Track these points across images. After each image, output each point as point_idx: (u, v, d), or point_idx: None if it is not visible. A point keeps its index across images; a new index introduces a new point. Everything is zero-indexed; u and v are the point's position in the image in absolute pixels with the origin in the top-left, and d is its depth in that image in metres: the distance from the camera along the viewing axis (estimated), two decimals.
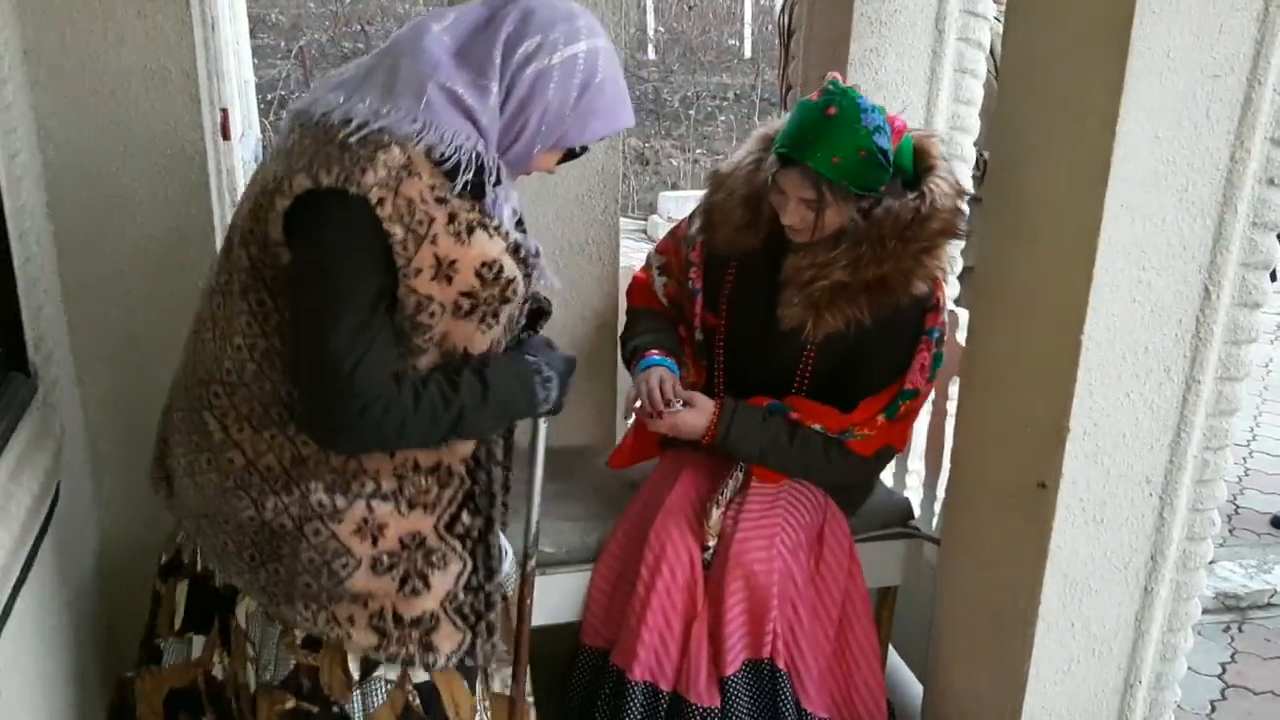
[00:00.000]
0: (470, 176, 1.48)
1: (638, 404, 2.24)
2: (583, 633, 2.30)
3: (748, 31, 14.59)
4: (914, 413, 2.23)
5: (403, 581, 1.64)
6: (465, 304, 1.53)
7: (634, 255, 5.00)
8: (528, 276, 1.60)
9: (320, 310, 1.47)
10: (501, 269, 1.53)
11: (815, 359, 2.20)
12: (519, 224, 1.66)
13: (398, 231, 1.44)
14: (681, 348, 2.36)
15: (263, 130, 8.14)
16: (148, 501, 2.37)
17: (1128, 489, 1.88)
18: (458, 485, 1.68)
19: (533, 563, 1.90)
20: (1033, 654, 1.94)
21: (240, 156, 6.56)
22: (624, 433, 2.52)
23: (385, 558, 1.63)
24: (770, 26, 13.26)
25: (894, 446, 2.27)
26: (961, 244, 2.23)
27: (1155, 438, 1.86)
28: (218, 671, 1.75)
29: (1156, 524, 1.92)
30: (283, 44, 12.38)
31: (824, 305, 2.09)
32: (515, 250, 1.56)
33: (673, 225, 2.49)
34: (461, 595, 1.69)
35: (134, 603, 2.05)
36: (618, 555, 2.29)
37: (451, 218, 1.48)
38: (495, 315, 1.57)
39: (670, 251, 2.43)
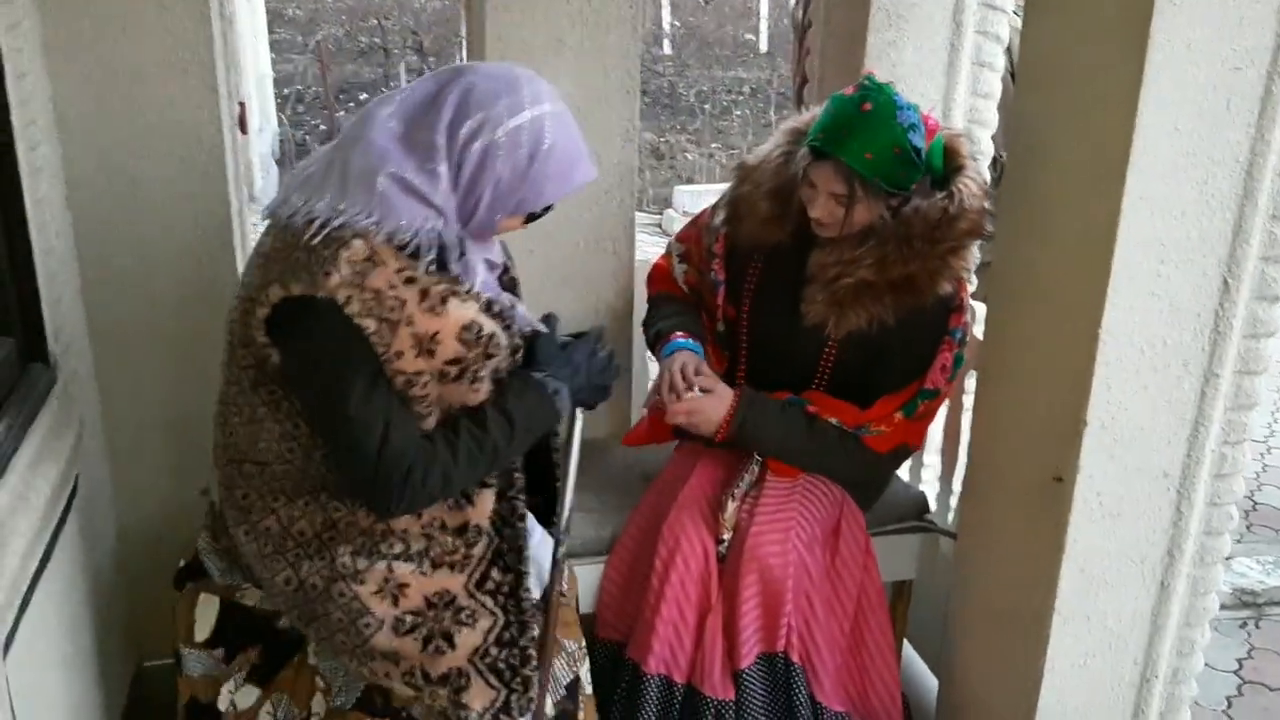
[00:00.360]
0: (433, 256, 1.55)
1: (656, 393, 2.24)
2: (597, 626, 2.29)
3: (763, 26, 14.58)
4: (932, 413, 2.23)
5: (426, 641, 1.68)
6: (453, 370, 1.60)
7: (649, 250, 5.00)
8: (507, 328, 1.65)
9: (328, 400, 1.56)
10: (481, 328, 1.60)
11: (836, 355, 2.19)
12: (505, 274, 1.78)
13: (370, 324, 1.51)
14: (705, 334, 2.35)
15: (279, 125, 8.19)
16: (165, 495, 2.44)
17: (1145, 483, 1.87)
18: (486, 544, 1.72)
19: (563, 549, 1.89)
20: (1048, 648, 1.93)
21: (258, 150, 6.61)
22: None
23: (408, 619, 1.68)
24: (786, 21, 13.21)
25: (910, 445, 2.26)
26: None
27: (1173, 432, 1.85)
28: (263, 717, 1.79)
29: (1174, 518, 1.91)
30: (300, 39, 12.41)
31: (848, 303, 2.08)
32: (489, 307, 1.62)
33: (692, 216, 2.49)
34: (494, 651, 1.71)
35: (153, 593, 2.09)
36: (631, 549, 2.28)
37: (424, 294, 1.54)
38: (480, 373, 1.63)
39: (692, 240, 2.41)
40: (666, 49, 14.06)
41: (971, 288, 2.21)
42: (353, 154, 1.57)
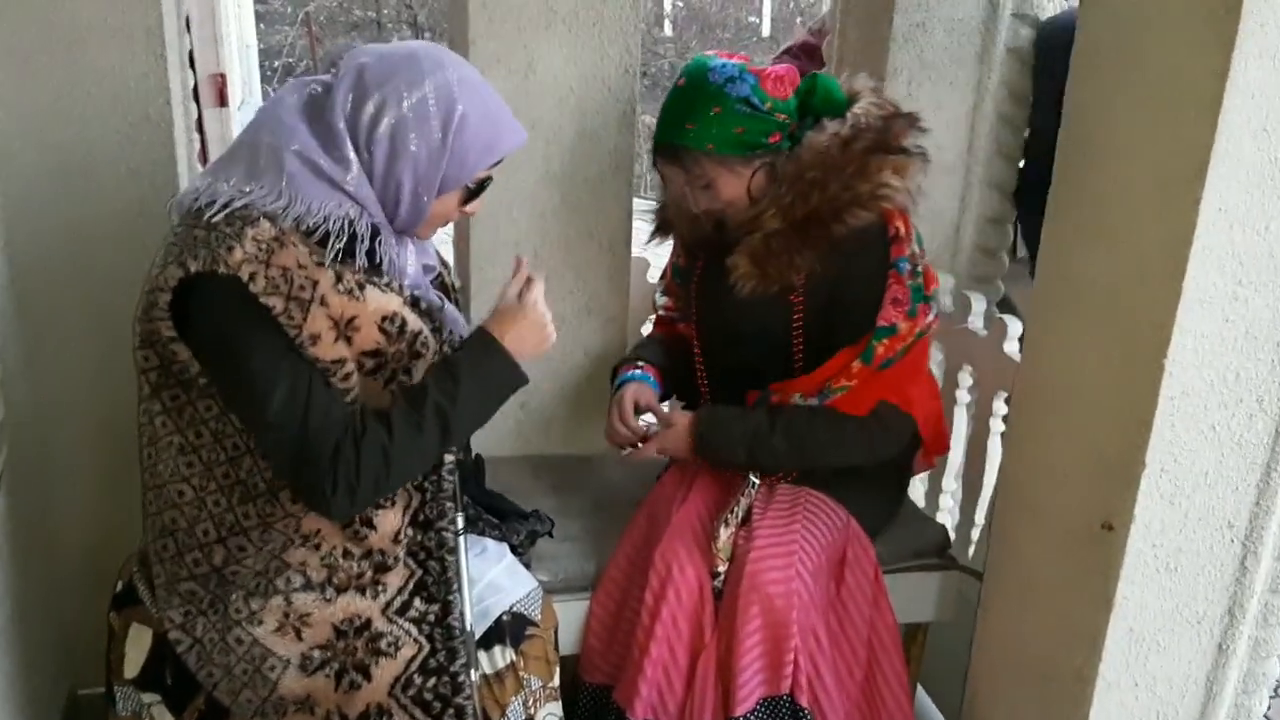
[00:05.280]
0: (341, 245, 1.46)
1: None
2: (581, 667, 2.09)
3: (766, 9, 14.44)
4: (896, 354, 1.97)
5: (339, 677, 1.56)
6: (369, 363, 1.51)
7: (648, 234, 4.73)
8: (436, 330, 1.56)
9: (236, 385, 1.46)
10: (405, 322, 1.51)
11: (804, 334, 2.01)
12: (439, 280, 1.70)
13: (276, 303, 1.41)
14: (667, 360, 2.22)
15: (265, 99, 7.92)
16: (103, 502, 2.24)
17: (1207, 534, 1.65)
18: (406, 575, 1.61)
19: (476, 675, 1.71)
20: (1090, 714, 1.72)
21: (239, 124, 6.35)
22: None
23: (315, 654, 1.56)
24: (790, 4, 13.04)
25: (895, 405, 2.01)
26: (919, 168, 1.97)
27: (1241, 477, 1.63)
28: None
29: (1237, 574, 1.69)
30: (290, 9, 12.15)
31: (763, 258, 1.93)
32: (415, 303, 1.54)
33: None
34: (418, 680, 1.60)
35: (89, 611, 1.95)
36: (618, 582, 2.08)
37: (339, 277, 1.46)
38: (408, 373, 1.53)
39: (667, 266, 2.30)
40: (668, 30, 13.91)
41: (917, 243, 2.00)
42: (261, 134, 1.49)
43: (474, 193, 1.62)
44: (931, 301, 2.01)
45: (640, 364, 2.18)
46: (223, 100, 5.35)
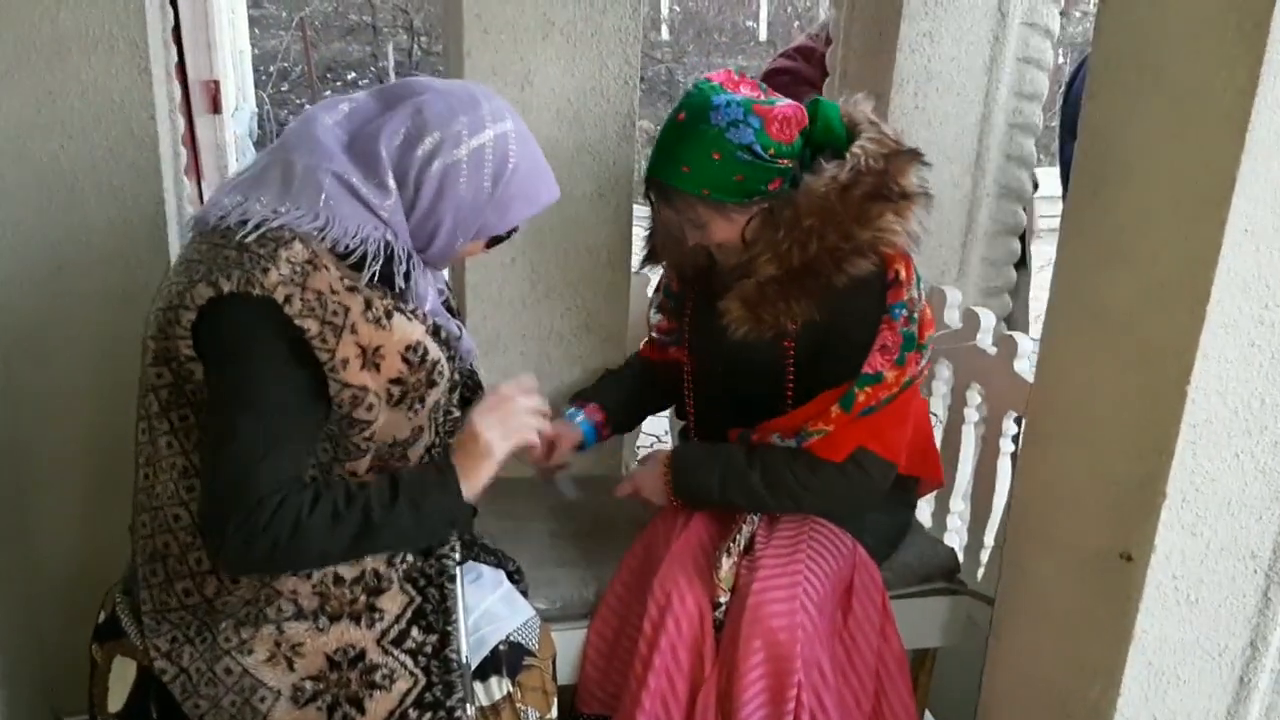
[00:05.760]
0: (379, 267, 1.45)
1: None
2: (578, 698, 2.03)
3: (763, 13, 14.43)
4: (879, 403, 1.89)
5: (331, 710, 1.52)
6: (395, 391, 1.48)
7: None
8: (451, 359, 1.56)
9: (228, 417, 1.40)
10: (426, 351, 1.49)
11: (795, 375, 1.94)
12: (445, 303, 1.67)
13: (312, 326, 1.38)
14: (643, 396, 2.21)
15: (259, 104, 7.88)
16: (86, 526, 2.18)
17: (1229, 565, 1.59)
18: (405, 601, 1.57)
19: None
20: None
21: (233, 131, 6.31)
22: (633, 463, 2.26)
23: (308, 685, 1.52)
24: (787, 9, 12.99)
25: (873, 451, 1.92)
26: (922, 205, 1.88)
27: (1265, 507, 1.56)
28: None
29: (1260, 605, 1.63)
30: (285, 14, 12.11)
31: (757, 304, 1.85)
32: (436, 332, 1.53)
33: None
34: (412, 714, 1.56)
35: (71, 640, 1.90)
36: (616, 610, 2.02)
37: (368, 304, 1.43)
38: (421, 400, 1.51)
39: (659, 286, 2.23)
40: (665, 35, 13.86)
41: (917, 259, 1.94)
42: (295, 154, 1.45)
43: (501, 239, 1.62)
44: (924, 350, 1.94)
45: (588, 405, 2.12)
46: (216, 107, 5.29)
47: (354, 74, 11.48)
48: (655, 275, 2.25)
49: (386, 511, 1.46)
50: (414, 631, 1.58)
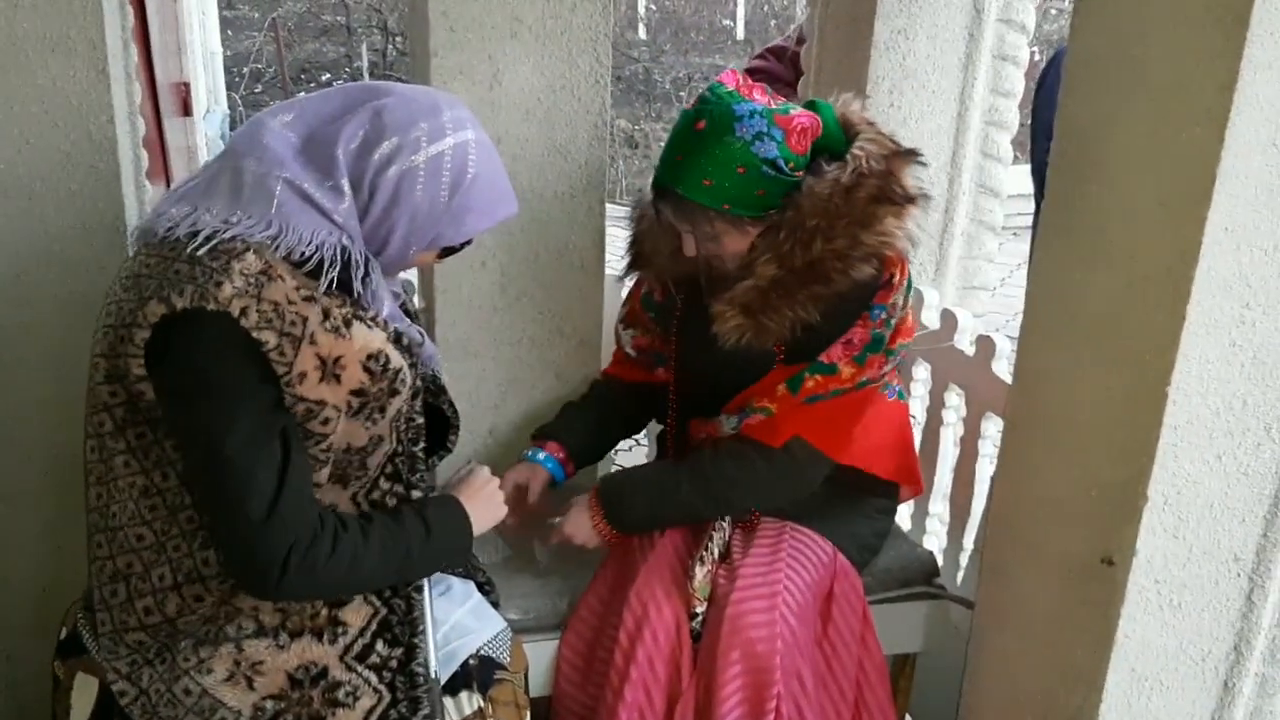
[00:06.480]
0: (336, 273, 1.41)
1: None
2: (554, 712, 2.00)
3: (740, 12, 14.39)
4: (827, 394, 1.88)
5: None
6: (356, 402, 1.44)
7: (622, 249, 4.64)
8: (414, 366, 1.53)
9: (204, 436, 1.36)
10: (388, 360, 1.46)
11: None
12: (403, 306, 1.61)
13: (270, 338, 1.35)
14: (611, 425, 2.18)
15: (232, 106, 7.80)
16: (50, 541, 2.12)
17: (1212, 568, 1.57)
18: (369, 614, 1.54)
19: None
20: None
21: (204, 133, 6.23)
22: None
23: (269, 705, 1.48)
24: (764, 8, 12.98)
25: (808, 442, 1.90)
26: (921, 206, 1.87)
27: (1248, 509, 1.54)
28: None
29: (1243, 609, 1.61)
30: (258, 15, 12.01)
31: (759, 308, 1.80)
32: (398, 339, 1.51)
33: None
34: None
35: (36, 658, 1.88)
36: (590, 621, 1.99)
37: (326, 314, 1.40)
38: (382, 410, 1.48)
39: (634, 299, 2.18)
40: (642, 34, 13.82)
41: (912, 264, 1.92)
42: (244, 161, 1.42)
43: (454, 250, 1.59)
44: (891, 355, 1.91)
45: (548, 443, 2.08)
46: (186, 110, 5.21)
47: (328, 75, 11.39)
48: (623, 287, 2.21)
49: (422, 546, 1.53)
50: (379, 645, 1.56)
